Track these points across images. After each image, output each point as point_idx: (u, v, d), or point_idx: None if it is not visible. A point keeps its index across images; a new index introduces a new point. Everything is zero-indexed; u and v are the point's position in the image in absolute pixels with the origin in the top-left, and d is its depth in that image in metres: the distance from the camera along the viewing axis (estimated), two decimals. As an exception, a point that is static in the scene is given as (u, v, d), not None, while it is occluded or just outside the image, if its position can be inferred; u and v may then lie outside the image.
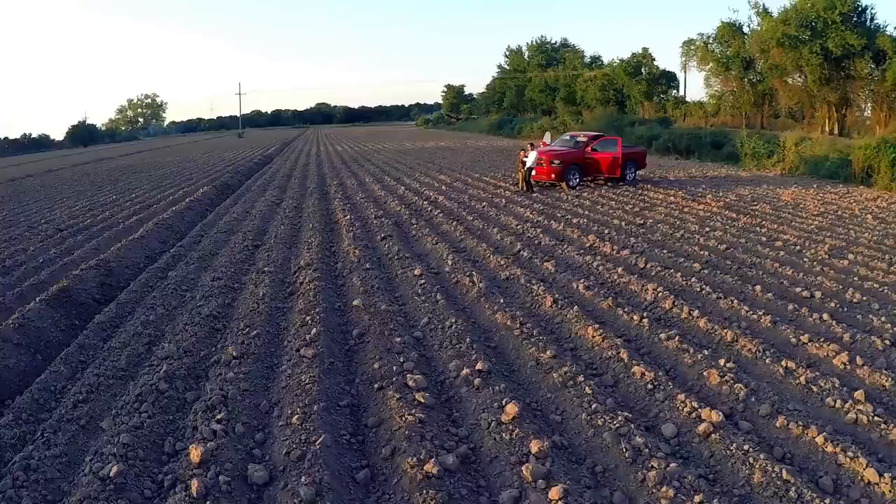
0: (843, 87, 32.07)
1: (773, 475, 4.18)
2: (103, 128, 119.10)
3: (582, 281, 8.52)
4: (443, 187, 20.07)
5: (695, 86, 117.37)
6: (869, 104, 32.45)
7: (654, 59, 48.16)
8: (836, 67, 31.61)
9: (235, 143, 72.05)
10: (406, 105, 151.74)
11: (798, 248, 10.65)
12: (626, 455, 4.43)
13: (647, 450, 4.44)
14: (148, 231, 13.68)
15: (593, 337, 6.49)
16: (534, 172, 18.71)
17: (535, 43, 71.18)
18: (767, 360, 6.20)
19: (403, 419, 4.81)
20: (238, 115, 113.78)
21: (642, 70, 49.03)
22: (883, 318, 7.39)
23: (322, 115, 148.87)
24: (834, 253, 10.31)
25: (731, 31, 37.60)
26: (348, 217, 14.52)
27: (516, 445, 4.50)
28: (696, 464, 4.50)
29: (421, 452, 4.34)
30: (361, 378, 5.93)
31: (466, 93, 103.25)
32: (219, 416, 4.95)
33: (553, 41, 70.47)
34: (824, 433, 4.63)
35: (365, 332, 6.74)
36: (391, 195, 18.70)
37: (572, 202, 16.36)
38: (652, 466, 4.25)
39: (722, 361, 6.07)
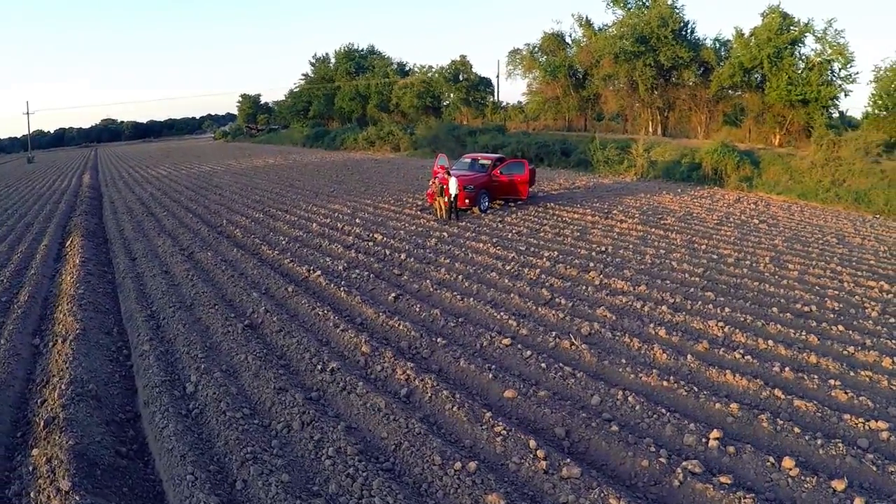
0: (669, 94, 38.15)
1: None
2: None
3: (651, 325, 9.60)
4: (357, 220, 19.52)
5: (508, 91, 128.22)
6: (691, 108, 38.67)
7: (471, 67, 51.72)
8: (664, 77, 37.47)
9: (30, 170, 60.35)
10: (198, 117, 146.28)
11: (749, 262, 13.11)
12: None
13: None
14: (80, 320, 11.05)
15: (737, 382, 7.61)
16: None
17: (342, 50, 70.90)
18: (851, 373, 7.96)
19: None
20: (21, 135, 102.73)
21: (460, 77, 52.24)
22: (870, 322, 9.77)
23: (109, 131, 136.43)
24: (776, 264, 12.95)
25: (555, 41, 42.16)
26: (316, 271, 13.26)
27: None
28: None
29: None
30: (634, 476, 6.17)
31: (262, 102, 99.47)
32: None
33: (360, 48, 71.01)
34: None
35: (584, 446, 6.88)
36: (311, 234, 17.43)
37: (508, 230, 17.40)
38: None
39: (832, 382, 7.64)
